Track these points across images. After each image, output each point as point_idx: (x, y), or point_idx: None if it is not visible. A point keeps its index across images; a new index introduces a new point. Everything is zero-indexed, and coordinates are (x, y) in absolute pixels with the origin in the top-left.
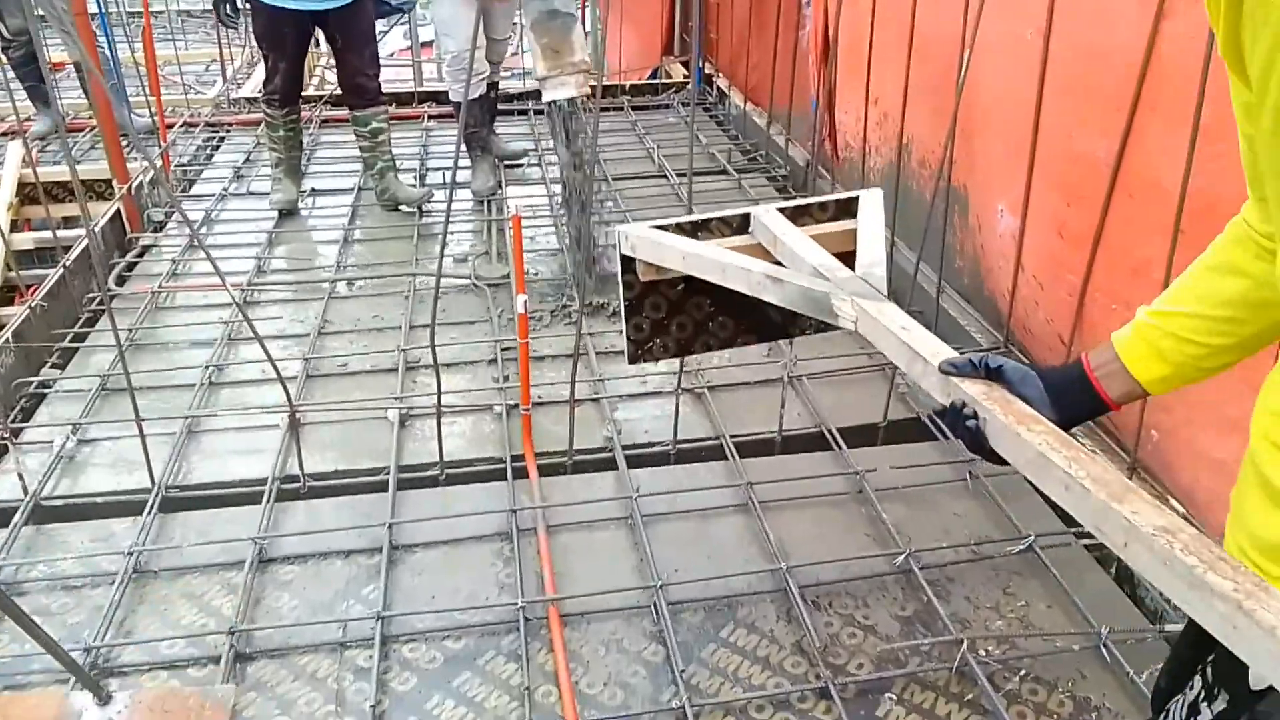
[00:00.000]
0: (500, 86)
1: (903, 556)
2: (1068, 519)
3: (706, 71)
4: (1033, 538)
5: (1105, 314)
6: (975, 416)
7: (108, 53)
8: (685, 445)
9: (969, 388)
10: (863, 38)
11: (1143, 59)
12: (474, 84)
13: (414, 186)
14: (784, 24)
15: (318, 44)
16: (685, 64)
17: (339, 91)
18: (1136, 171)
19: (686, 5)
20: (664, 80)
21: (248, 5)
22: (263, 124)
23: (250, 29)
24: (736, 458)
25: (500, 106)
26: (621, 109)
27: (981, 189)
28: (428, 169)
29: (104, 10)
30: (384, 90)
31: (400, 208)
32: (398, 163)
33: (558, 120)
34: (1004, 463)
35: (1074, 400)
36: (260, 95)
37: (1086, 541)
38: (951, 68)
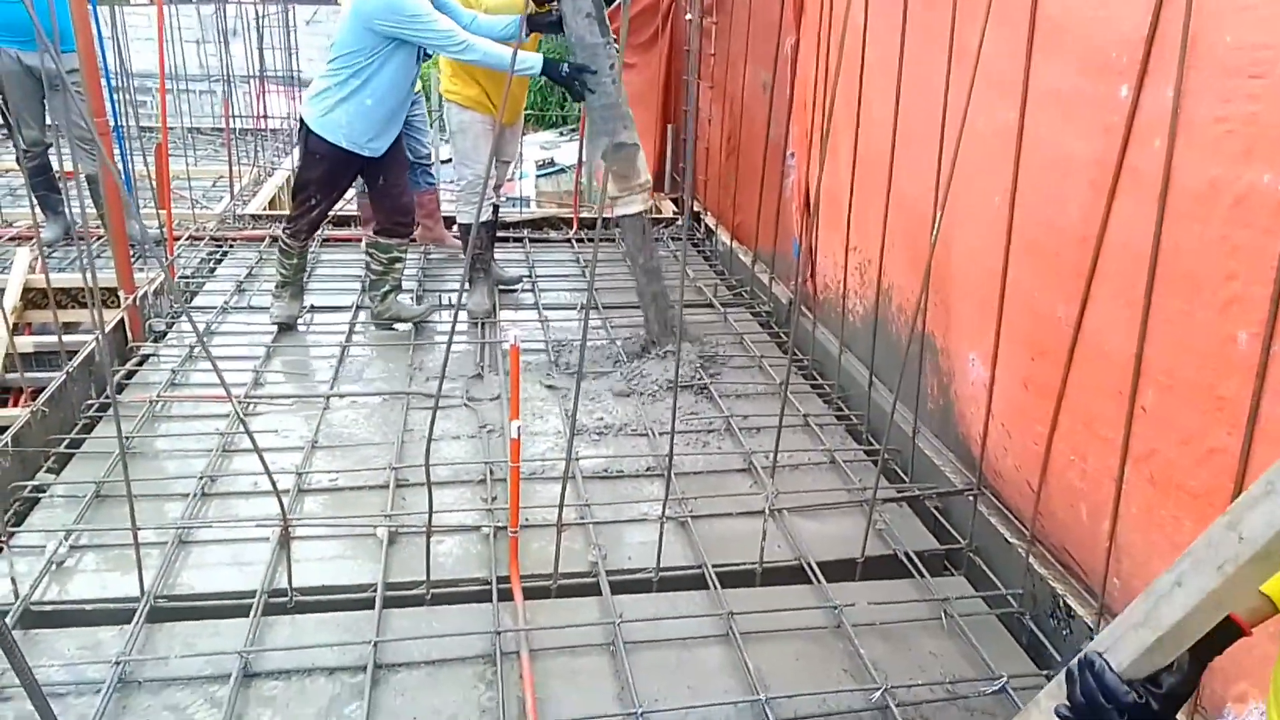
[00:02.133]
0: (500, 213)
1: (879, 693)
2: (1040, 660)
3: (695, 209)
4: (1005, 678)
5: (1066, 464)
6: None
7: (120, 165)
8: (668, 573)
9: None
10: (844, 190)
11: (1096, 233)
12: (483, 208)
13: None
14: (769, 170)
15: None
16: (675, 200)
17: (343, 213)
18: (1087, 334)
19: (678, 146)
20: (654, 215)
21: (308, 152)
22: (278, 251)
23: (300, 172)
24: (718, 587)
25: (498, 233)
26: (614, 240)
27: (955, 338)
28: (424, 290)
29: (119, 124)
30: None
31: (396, 326)
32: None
33: (628, 227)
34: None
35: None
36: (285, 228)
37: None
38: (927, 222)
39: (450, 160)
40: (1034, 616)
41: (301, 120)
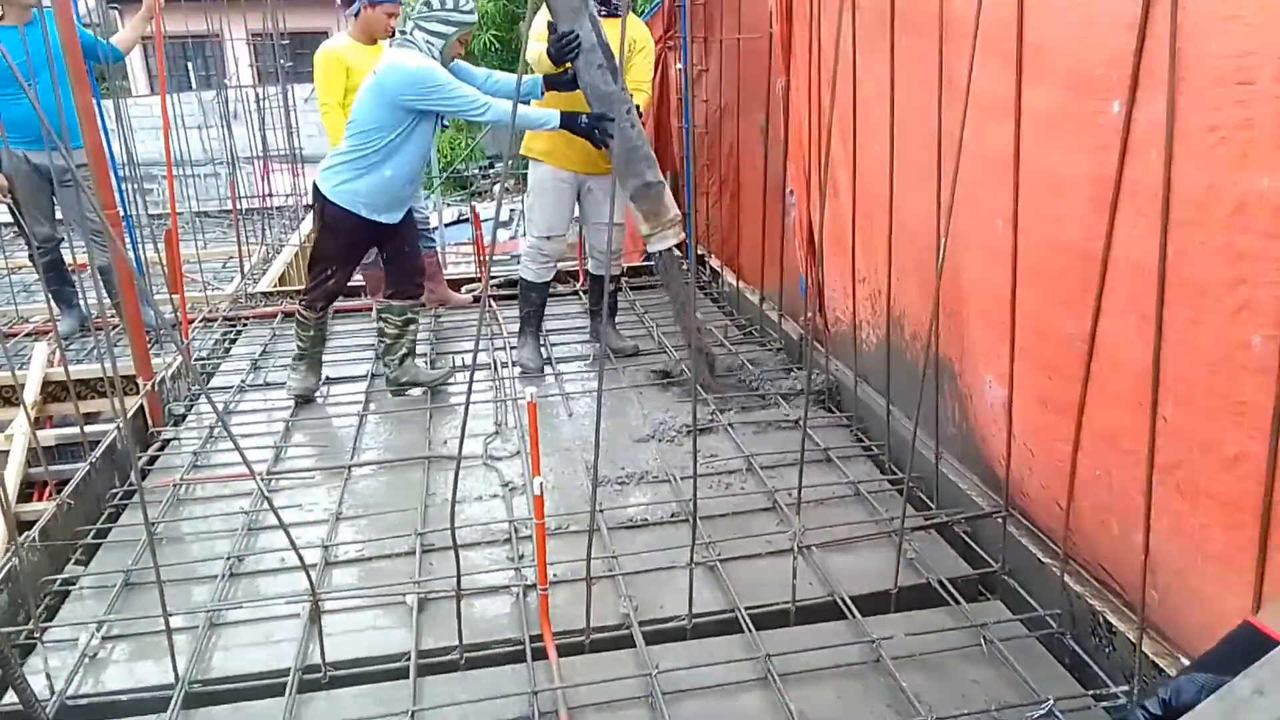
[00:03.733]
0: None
1: None
2: (1085, 680)
3: (699, 253)
4: (1051, 701)
5: (1092, 480)
6: None
7: (131, 254)
8: (701, 619)
9: None
10: (846, 224)
11: (1101, 250)
12: (547, 268)
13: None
14: (770, 209)
15: None
16: (679, 246)
17: (353, 283)
18: (1100, 349)
19: (678, 193)
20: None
21: (326, 224)
22: (295, 324)
23: (318, 243)
24: (753, 630)
25: (509, 291)
26: (620, 289)
27: (969, 361)
28: (438, 353)
29: (129, 213)
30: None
31: (411, 391)
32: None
33: (661, 261)
34: None
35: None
36: (302, 300)
37: (1106, 704)
38: (932, 249)
39: (457, 223)
40: (1074, 636)
41: (316, 190)
